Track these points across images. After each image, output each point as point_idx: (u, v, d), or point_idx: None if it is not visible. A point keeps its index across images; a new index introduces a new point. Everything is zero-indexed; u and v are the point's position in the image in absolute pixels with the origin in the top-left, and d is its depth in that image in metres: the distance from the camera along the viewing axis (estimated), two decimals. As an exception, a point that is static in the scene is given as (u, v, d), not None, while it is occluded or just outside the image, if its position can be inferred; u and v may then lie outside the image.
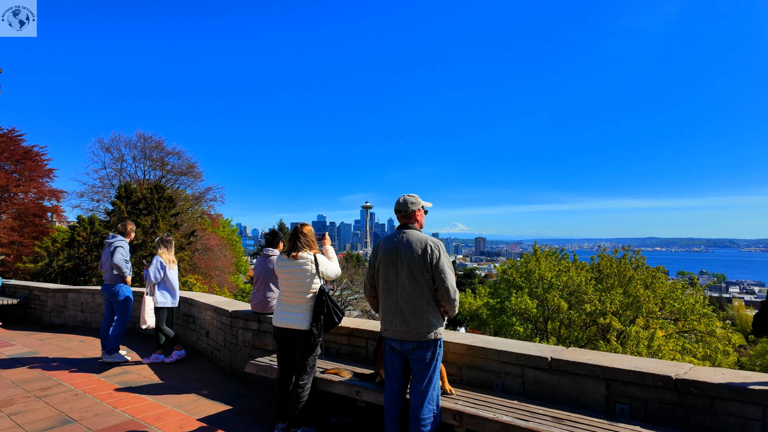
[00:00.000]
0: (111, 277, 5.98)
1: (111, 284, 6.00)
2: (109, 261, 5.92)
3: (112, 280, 5.99)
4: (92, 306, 8.29)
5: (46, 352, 6.63)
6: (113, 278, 5.99)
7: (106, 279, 6.01)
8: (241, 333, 5.14)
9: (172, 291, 6.00)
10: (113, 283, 5.99)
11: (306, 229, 3.70)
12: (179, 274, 7.35)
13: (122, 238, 6.06)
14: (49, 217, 38.24)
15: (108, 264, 5.95)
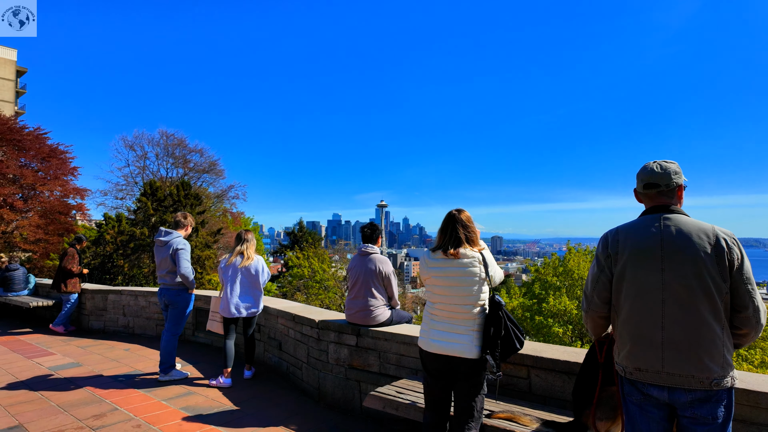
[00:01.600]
0: (172, 280, 5.02)
1: (171, 288, 5.04)
2: (168, 263, 4.96)
3: (174, 284, 5.03)
4: (135, 309, 7.38)
5: (90, 363, 5.72)
6: (174, 282, 5.04)
7: (165, 282, 5.05)
8: (334, 349, 4.14)
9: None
10: (174, 288, 5.04)
11: (465, 216, 2.66)
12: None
13: (179, 234, 5.10)
14: (74, 215, 37.94)
15: (166, 266, 4.99)
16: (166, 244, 5.00)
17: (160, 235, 5.03)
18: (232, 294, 4.91)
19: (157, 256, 5.05)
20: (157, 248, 5.07)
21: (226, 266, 4.96)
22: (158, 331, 7.16)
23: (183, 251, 4.95)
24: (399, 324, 4.05)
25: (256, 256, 5.03)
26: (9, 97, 48.43)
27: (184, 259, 4.93)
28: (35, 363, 5.72)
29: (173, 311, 5.04)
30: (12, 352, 6.31)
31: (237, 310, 4.89)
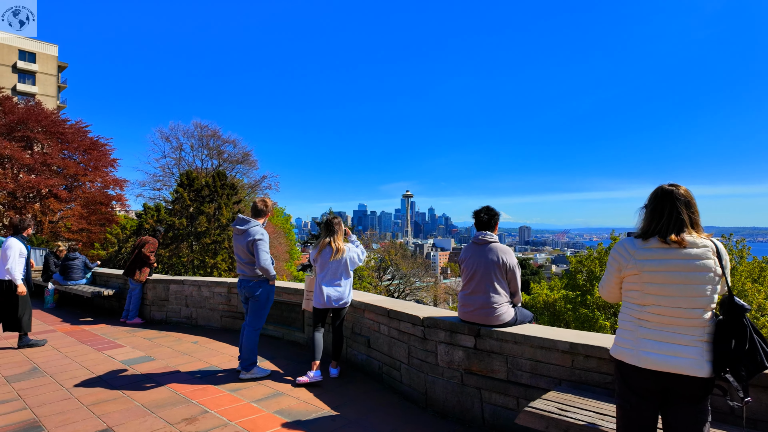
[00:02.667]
0: (250, 271, 4.58)
1: (250, 280, 4.61)
2: (246, 253, 4.50)
3: (253, 276, 4.58)
4: (198, 300, 7.07)
5: (162, 357, 5.39)
6: (254, 273, 4.59)
7: (244, 273, 4.62)
8: (445, 350, 3.62)
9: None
10: (254, 279, 4.61)
11: (685, 191, 2.04)
12: None
13: (257, 223, 4.63)
14: (113, 206, 38.73)
15: (245, 256, 4.54)
16: (243, 233, 4.54)
17: (237, 223, 4.58)
18: (324, 283, 4.49)
19: (235, 245, 4.63)
20: (235, 237, 4.62)
21: (316, 257, 4.52)
22: (222, 323, 6.83)
23: (262, 242, 4.48)
24: (523, 324, 3.50)
25: (346, 245, 4.56)
26: (51, 92, 49.70)
27: (263, 251, 4.46)
28: (107, 356, 5.44)
29: (254, 304, 4.61)
30: (81, 344, 6.07)
31: (328, 301, 4.47)
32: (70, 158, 35.70)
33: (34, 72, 48.63)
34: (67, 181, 35.37)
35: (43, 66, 49.17)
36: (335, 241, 4.50)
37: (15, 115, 33.46)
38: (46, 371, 4.87)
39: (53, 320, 7.82)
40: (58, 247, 9.82)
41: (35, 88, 48.39)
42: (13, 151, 32.09)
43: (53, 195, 33.86)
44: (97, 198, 35.81)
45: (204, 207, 25.50)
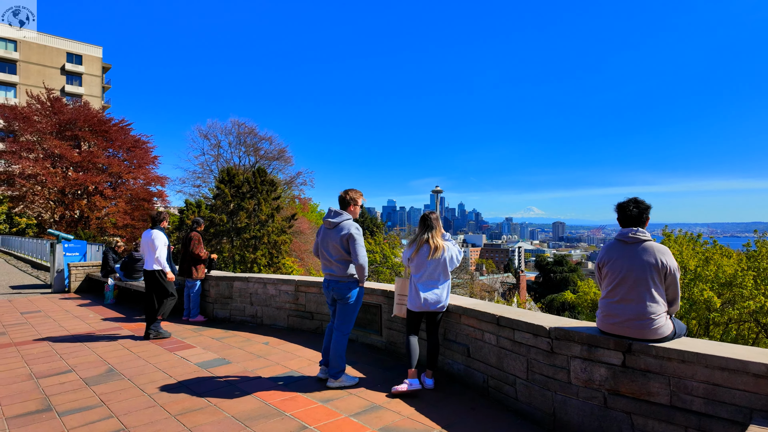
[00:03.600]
0: (341, 270, 4.16)
1: (341, 280, 4.17)
2: (338, 250, 4.06)
3: (345, 276, 4.17)
4: (263, 298, 6.76)
5: (237, 359, 5.08)
6: (346, 273, 4.15)
7: (333, 273, 4.20)
8: (581, 366, 3.10)
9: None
10: (345, 280, 4.17)
11: None
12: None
13: (349, 216, 4.20)
14: (155, 202, 39.66)
15: (337, 253, 4.10)
16: (335, 226, 4.11)
17: (329, 216, 4.15)
18: (420, 284, 4.04)
19: (322, 240, 4.20)
20: (325, 231, 4.19)
21: (412, 256, 4.08)
22: (290, 323, 6.50)
23: (359, 236, 4.08)
24: (680, 337, 2.94)
25: (445, 242, 4.09)
26: (96, 92, 51.48)
27: (360, 246, 4.04)
28: (180, 358, 5.17)
29: (343, 307, 4.18)
30: (149, 343, 5.85)
31: (424, 304, 4.03)
32: (115, 156, 36.80)
33: (81, 73, 50.45)
34: (111, 179, 36.49)
35: (89, 67, 50.96)
36: (434, 239, 4.04)
37: (65, 115, 34.67)
38: (123, 373, 4.63)
39: (117, 317, 7.72)
40: (116, 242, 9.80)
41: (82, 89, 50.22)
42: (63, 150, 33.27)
43: (99, 192, 34.98)
44: (140, 194, 36.78)
45: (244, 203, 25.64)
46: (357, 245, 4.04)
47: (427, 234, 4.05)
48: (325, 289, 4.29)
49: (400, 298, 4.39)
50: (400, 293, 4.39)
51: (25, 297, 9.95)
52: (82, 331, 6.64)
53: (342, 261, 4.10)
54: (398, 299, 4.41)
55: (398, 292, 4.41)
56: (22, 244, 23.79)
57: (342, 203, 4.27)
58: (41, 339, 6.16)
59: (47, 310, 8.30)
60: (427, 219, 4.11)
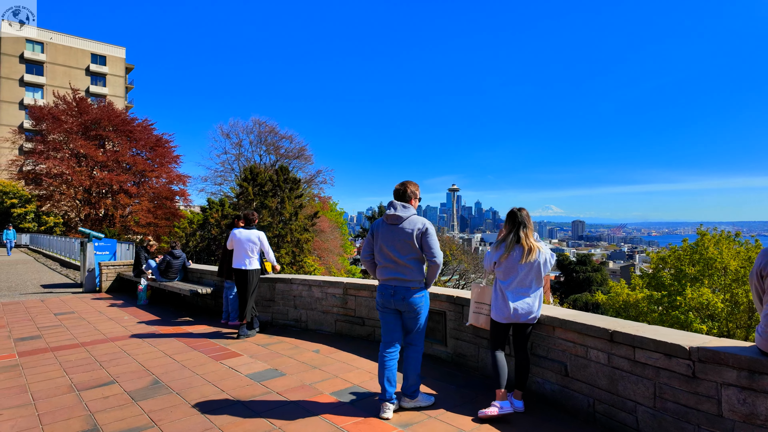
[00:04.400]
0: (411, 273, 3.44)
1: (411, 286, 3.45)
2: (407, 248, 3.40)
3: (415, 280, 3.45)
4: (308, 301, 6.29)
5: (290, 370, 4.60)
6: (415, 277, 3.47)
7: (399, 276, 3.46)
8: (736, 397, 2.52)
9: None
10: (416, 285, 3.47)
11: None
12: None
13: (415, 212, 3.56)
14: (178, 200, 39.77)
15: (405, 252, 3.42)
16: (402, 221, 3.46)
17: (394, 209, 3.48)
18: (509, 292, 3.49)
19: (385, 238, 3.49)
20: (386, 229, 3.49)
21: (501, 259, 3.52)
22: (337, 328, 6.01)
23: (434, 232, 3.48)
24: None
25: (538, 242, 3.53)
26: (120, 93, 52.03)
27: (436, 243, 3.46)
28: (228, 368, 4.72)
29: (413, 319, 3.52)
30: (192, 350, 5.43)
31: (514, 315, 3.48)
32: (138, 155, 37.02)
33: (105, 74, 51.05)
34: (135, 177, 36.74)
35: (113, 68, 51.51)
36: (527, 239, 3.48)
37: (89, 115, 34.95)
38: (170, 386, 4.19)
39: (152, 319, 7.34)
40: (148, 241, 9.47)
41: (106, 90, 50.81)
42: (89, 149, 33.53)
43: (123, 191, 35.23)
44: (163, 193, 36.94)
45: (267, 201, 25.37)
46: (433, 241, 3.45)
47: (519, 233, 3.49)
48: (388, 297, 3.49)
49: (478, 306, 3.84)
50: (477, 300, 3.85)
51: (57, 297, 9.69)
52: (119, 335, 6.27)
53: (414, 261, 3.45)
54: (475, 307, 3.87)
55: (475, 299, 3.87)
56: (50, 243, 23.91)
57: (400, 197, 3.62)
58: (78, 343, 5.80)
59: (80, 311, 7.98)
60: (517, 216, 3.55)
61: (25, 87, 48.27)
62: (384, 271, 3.51)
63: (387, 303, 3.53)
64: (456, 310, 4.58)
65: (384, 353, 3.55)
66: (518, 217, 3.52)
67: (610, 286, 21.06)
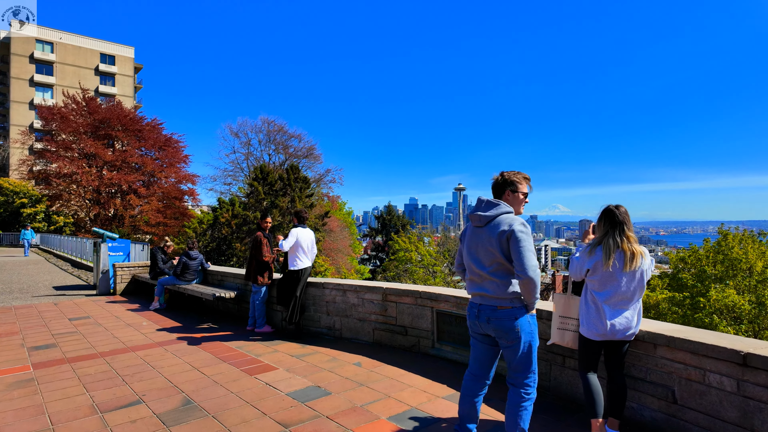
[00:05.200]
0: (499, 289, 2.68)
1: (501, 305, 2.68)
2: (491, 256, 2.69)
3: (506, 296, 2.67)
4: (341, 307, 5.78)
5: (335, 388, 4.08)
6: (506, 293, 2.68)
7: (486, 292, 2.72)
8: None
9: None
10: (507, 304, 2.67)
11: None
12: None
13: (509, 209, 2.76)
14: (187, 200, 39.36)
15: (488, 260, 2.70)
16: (488, 222, 2.74)
17: (478, 208, 2.80)
18: (607, 305, 2.95)
19: (469, 243, 2.82)
20: (472, 232, 2.83)
21: (599, 266, 2.98)
22: (375, 337, 5.49)
23: (525, 235, 2.63)
24: None
25: (641, 247, 2.98)
26: (129, 92, 51.74)
27: (529, 251, 2.60)
28: (265, 384, 4.21)
29: (507, 347, 2.70)
30: (221, 362, 4.92)
31: (611, 331, 2.94)
32: (147, 155, 36.66)
33: (114, 74, 50.77)
34: (144, 177, 36.38)
35: (121, 68, 51.23)
36: (630, 243, 2.94)
37: (99, 115, 34.59)
38: (204, 407, 3.68)
39: (173, 326, 6.85)
40: (165, 242, 8.98)
41: (115, 89, 50.54)
42: (98, 149, 33.16)
43: (133, 191, 34.86)
44: (172, 193, 36.54)
45: (278, 200, 24.90)
46: (523, 248, 2.60)
47: (620, 237, 2.95)
48: (473, 318, 2.82)
49: (563, 321, 3.30)
50: (563, 315, 3.31)
51: (71, 300, 9.23)
52: (139, 344, 5.78)
53: (500, 273, 2.69)
54: (559, 322, 3.33)
55: (560, 312, 3.33)
56: (61, 243, 23.54)
57: (496, 189, 2.90)
58: (96, 353, 5.31)
59: (96, 316, 7.51)
60: (615, 214, 2.99)
61: (35, 87, 48.06)
62: (470, 285, 2.86)
63: (473, 326, 2.85)
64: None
65: (467, 383, 2.91)
66: (617, 216, 2.98)
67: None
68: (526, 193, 2.89)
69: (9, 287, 11.21)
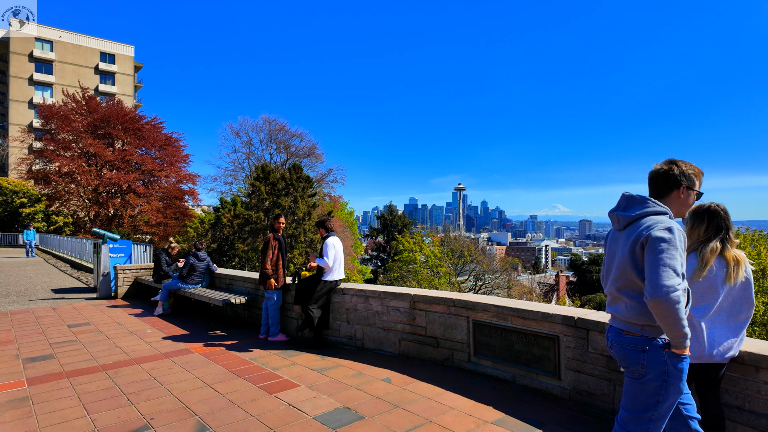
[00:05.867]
0: (630, 312, 2.09)
1: (628, 331, 2.10)
2: (626, 270, 2.09)
3: (631, 319, 2.09)
4: (363, 315, 5.30)
5: (366, 409, 3.61)
6: (637, 317, 2.07)
7: (614, 312, 2.18)
8: None
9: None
10: (634, 331, 2.08)
11: None
12: None
13: (664, 208, 2.11)
14: (187, 200, 38.78)
15: (622, 275, 2.12)
16: (628, 224, 2.13)
17: (618, 206, 2.22)
18: (706, 321, 2.48)
19: (608, 249, 2.28)
20: (613, 236, 2.26)
21: (691, 276, 2.49)
22: (402, 348, 5.01)
23: (667, 245, 1.95)
24: None
25: (741, 252, 2.50)
26: (129, 91, 51.12)
27: (665, 266, 1.92)
28: (288, 405, 3.72)
29: (637, 386, 2.07)
30: (236, 377, 4.43)
31: (709, 351, 2.47)
32: (147, 154, 36.09)
33: (114, 72, 50.16)
34: (144, 177, 35.83)
35: (122, 66, 50.61)
36: (733, 249, 2.47)
37: (99, 114, 34.02)
38: (223, 435, 3.20)
39: (180, 333, 6.36)
40: (170, 243, 8.49)
41: (115, 88, 49.91)
42: (98, 148, 32.60)
43: (132, 190, 34.30)
44: (172, 192, 35.99)
45: (280, 200, 24.39)
46: (659, 260, 1.94)
47: (724, 241, 2.48)
48: (608, 342, 2.27)
49: None
50: None
51: (70, 304, 8.72)
52: (144, 354, 5.29)
53: (630, 292, 2.09)
54: None
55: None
56: (60, 243, 22.99)
57: (660, 183, 2.20)
58: (97, 366, 4.82)
59: (97, 323, 7.01)
60: (718, 214, 2.52)
61: (34, 86, 47.39)
62: (607, 300, 2.29)
63: (609, 349, 2.27)
64: (576, 335, 3.58)
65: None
66: (718, 217, 2.51)
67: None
68: (701, 194, 2.24)
69: (6, 290, 10.70)
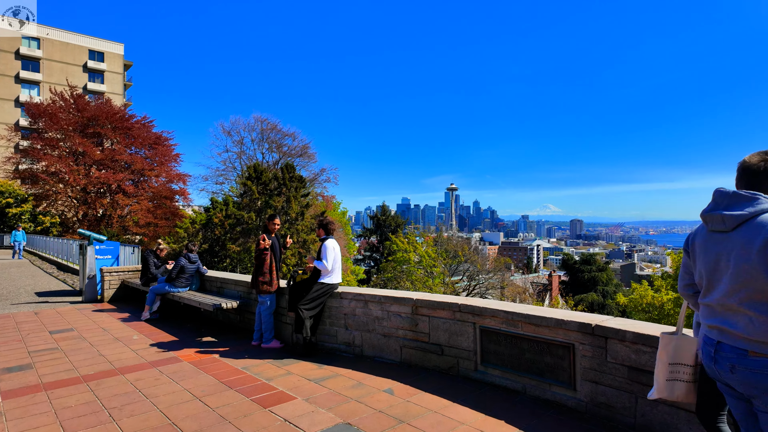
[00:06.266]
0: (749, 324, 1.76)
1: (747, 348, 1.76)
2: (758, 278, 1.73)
3: (754, 337, 1.74)
4: (362, 321, 5.02)
5: (369, 426, 3.32)
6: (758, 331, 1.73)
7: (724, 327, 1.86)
8: None
9: None
10: (758, 350, 1.73)
11: None
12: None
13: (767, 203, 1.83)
14: (178, 200, 38.12)
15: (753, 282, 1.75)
16: (740, 225, 1.83)
17: (719, 205, 1.90)
18: None
19: (704, 255, 1.96)
20: (708, 239, 1.96)
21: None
22: (404, 356, 4.74)
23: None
24: None
25: None
26: (118, 90, 50.21)
27: None
28: (284, 421, 3.43)
29: (762, 411, 1.76)
30: (227, 388, 4.13)
31: None
32: (137, 153, 35.40)
33: (103, 71, 49.23)
34: (134, 176, 35.13)
35: (111, 65, 49.69)
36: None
37: (87, 112, 33.27)
38: (212, 457, 2.90)
39: (168, 340, 6.02)
40: (158, 244, 8.13)
41: (104, 87, 48.99)
42: (86, 147, 31.88)
43: (121, 190, 33.61)
44: (162, 192, 35.34)
45: (272, 200, 23.99)
46: None
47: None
48: (708, 358, 1.95)
49: (674, 369, 2.26)
50: (674, 361, 2.27)
51: (53, 308, 8.32)
52: (129, 363, 4.96)
53: (758, 305, 1.76)
54: (668, 371, 2.27)
55: (669, 359, 2.27)
56: (47, 244, 22.36)
57: (755, 176, 1.90)
58: (78, 377, 4.49)
59: (80, 329, 6.64)
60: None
61: (21, 84, 46.32)
62: (705, 311, 1.99)
63: (710, 369, 1.96)
64: (594, 343, 3.34)
65: None
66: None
67: (634, 288, 19.95)
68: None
69: (-14, 293, 10.23)
